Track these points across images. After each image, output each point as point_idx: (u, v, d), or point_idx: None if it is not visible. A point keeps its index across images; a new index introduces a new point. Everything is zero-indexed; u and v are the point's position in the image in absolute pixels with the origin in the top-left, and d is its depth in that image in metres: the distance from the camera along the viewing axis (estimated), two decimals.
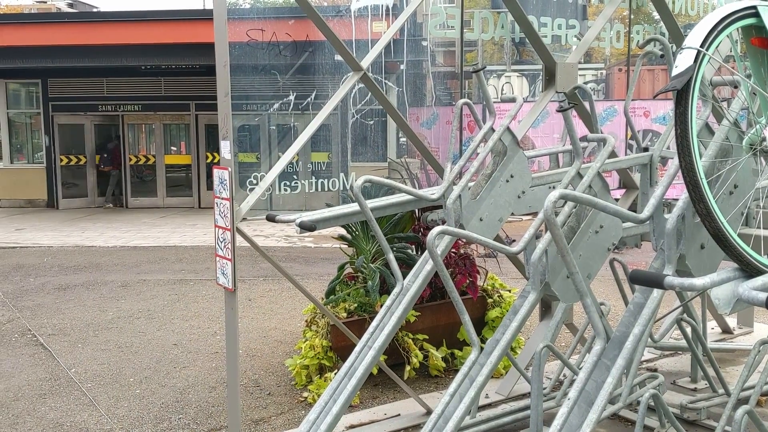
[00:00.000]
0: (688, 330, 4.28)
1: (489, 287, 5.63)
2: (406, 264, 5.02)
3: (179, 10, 15.73)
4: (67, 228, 14.07)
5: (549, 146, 9.02)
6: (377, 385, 5.05)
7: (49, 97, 17.35)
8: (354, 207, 3.84)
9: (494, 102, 4.37)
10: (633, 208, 4.77)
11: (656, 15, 5.57)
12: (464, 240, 4.33)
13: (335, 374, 4.16)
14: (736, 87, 3.40)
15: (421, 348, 5.08)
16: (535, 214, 3.72)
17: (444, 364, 5.17)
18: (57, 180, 17.50)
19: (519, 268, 5.03)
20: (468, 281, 5.33)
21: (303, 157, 12.27)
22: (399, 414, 4.52)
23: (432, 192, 4.00)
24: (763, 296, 2.11)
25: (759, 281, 2.57)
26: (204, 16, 14.08)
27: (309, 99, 12.13)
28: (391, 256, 3.85)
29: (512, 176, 3.96)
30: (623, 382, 3.67)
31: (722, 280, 2.53)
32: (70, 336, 6.53)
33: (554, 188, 3.82)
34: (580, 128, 4.26)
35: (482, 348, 3.41)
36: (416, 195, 3.94)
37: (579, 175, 3.56)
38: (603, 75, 18.55)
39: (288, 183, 4.65)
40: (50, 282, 8.96)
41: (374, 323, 3.78)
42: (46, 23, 15.88)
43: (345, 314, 4.99)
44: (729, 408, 3.41)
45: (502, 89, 16.29)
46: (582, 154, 3.63)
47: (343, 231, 5.44)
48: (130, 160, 17.92)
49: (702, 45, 2.50)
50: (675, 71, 2.50)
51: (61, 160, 17.53)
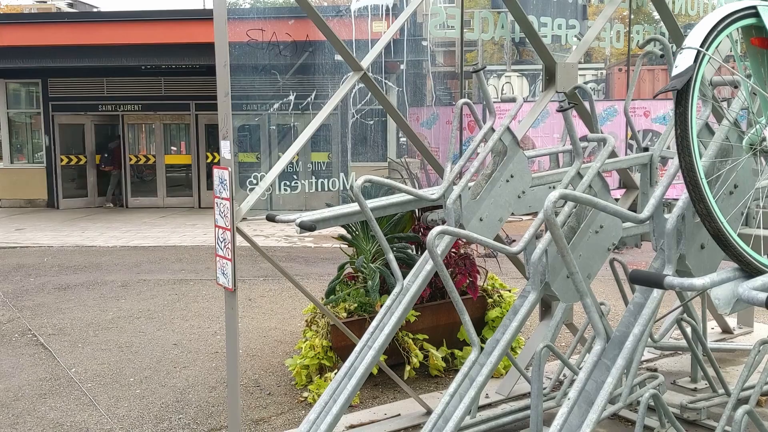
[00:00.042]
0: (688, 330, 4.28)
1: (489, 287, 5.64)
2: (406, 264, 5.02)
3: (179, 10, 15.73)
4: (67, 228, 14.07)
5: (549, 146, 9.02)
6: (377, 385, 5.05)
7: (50, 97, 17.35)
8: (354, 207, 3.84)
9: (494, 102, 4.37)
10: (633, 208, 4.77)
11: (656, 15, 5.57)
12: (464, 240, 4.33)
13: (335, 374, 4.16)
14: (736, 87, 3.40)
15: (421, 348, 5.09)
16: (535, 214, 3.72)
17: (444, 364, 5.17)
18: (57, 180, 17.50)
19: (519, 268, 5.03)
20: (468, 281, 5.33)
21: (303, 157, 12.27)
22: (399, 414, 4.52)
23: (432, 192, 4.00)
24: (763, 296, 2.11)
25: (759, 281, 2.57)
26: (204, 16, 14.07)
27: (309, 99, 12.14)
28: (391, 256, 3.85)
29: (512, 176, 3.96)
30: (623, 382, 3.67)
31: (722, 280, 2.53)
32: (71, 336, 6.53)
33: (554, 188, 3.82)
34: (580, 128, 4.26)
35: (482, 348, 3.41)
36: (416, 195, 3.94)
37: (579, 175, 3.56)
38: (603, 75, 18.57)
39: (288, 183, 4.65)
40: (50, 282, 8.96)
41: (374, 323, 3.78)
42: (46, 23, 15.88)
43: (345, 314, 4.99)
44: (729, 408, 3.41)
45: (502, 89, 16.30)
46: (582, 154, 3.63)
47: (343, 231, 5.44)
48: (130, 160, 17.92)
49: (702, 45, 2.50)
50: (675, 71, 2.50)
51: (62, 160, 17.54)
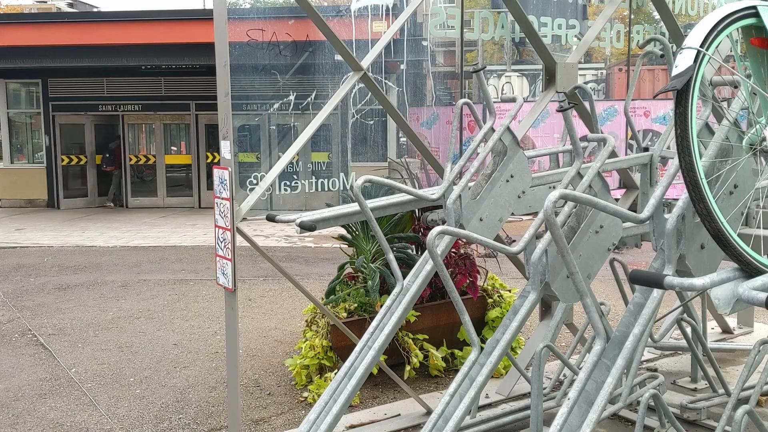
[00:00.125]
0: (688, 330, 4.28)
1: (489, 287, 5.64)
2: (406, 264, 5.02)
3: (179, 10, 15.74)
4: (68, 228, 14.07)
5: (549, 146, 9.03)
6: (377, 385, 5.06)
7: (50, 97, 17.36)
8: (354, 207, 3.84)
9: (494, 102, 4.37)
10: (633, 208, 4.77)
11: (656, 15, 5.57)
12: (464, 240, 4.33)
13: (335, 374, 4.16)
14: (736, 87, 3.40)
15: (421, 348, 5.08)
16: (535, 214, 3.72)
17: (444, 364, 5.17)
18: (58, 180, 17.50)
19: (519, 268, 5.03)
20: (468, 281, 5.33)
21: (303, 157, 12.27)
22: (399, 414, 4.52)
23: (432, 192, 4.00)
24: (763, 296, 2.11)
25: (759, 281, 2.57)
26: (204, 16, 14.07)
27: (309, 99, 12.14)
28: (391, 256, 3.85)
29: (512, 176, 3.96)
30: (623, 382, 3.67)
31: (722, 280, 2.53)
32: (71, 336, 6.53)
33: (554, 188, 3.82)
34: (580, 128, 4.26)
35: (482, 348, 3.41)
36: (416, 195, 3.94)
37: (579, 175, 3.56)
38: (603, 75, 18.57)
39: (288, 183, 4.65)
40: (50, 282, 8.96)
41: (374, 323, 3.78)
42: (46, 23, 15.88)
43: (345, 314, 4.99)
44: (729, 408, 3.41)
45: (503, 89, 16.31)
46: (582, 154, 3.63)
47: (343, 231, 5.44)
48: (131, 160, 17.93)
49: (702, 45, 2.50)
50: (675, 71, 2.50)
51: (62, 160, 17.54)
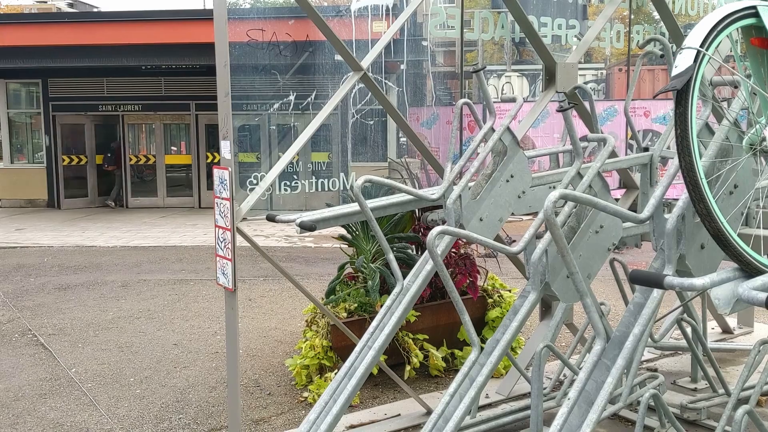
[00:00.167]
0: (688, 330, 4.28)
1: (489, 287, 5.64)
2: (406, 264, 5.02)
3: (179, 10, 15.74)
4: (68, 228, 14.07)
5: (549, 146, 9.03)
6: (377, 385, 5.06)
7: (50, 97, 17.36)
8: (354, 207, 3.84)
9: (494, 102, 4.37)
10: (633, 208, 4.77)
11: (656, 15, 5.57)
12: (464, 240, 4.33)
13: (335, 374, 4.16)
14: (736, 87, 3.40)
15: (422, 348, 5.09)
16: (535, 214, 3.72)
17: (444, 364, 5.17)
18: (59, 180, 17.50)
19: (519, 268, 5.03)
20: (468, 281, 5.33)
21: (303, 157, 12.27)
22: (399, 414, 4.52)
23: (432, 192, 4.00)
24: (763, 296, 2.11)
25: (759, 281, 2.57)
26: (204, 16, 14.08)
27: (309, 99, 12.14)
28: (391, 256, 3.85)
29: (512, 176, 3.96)
30: (623, 382, 3.67)
31: (722, 280, 2.53)
32: (71, 336, 6.53)
33: (554, 188, 3.82)
34: (580, 128, 4.26)
35: (482, 348, 3.41)
36: (416, 195, 3.94)
37: (579, 175, 3.56)
38: (603, 75, 18.57)
39: (288, 183, 4.65)
40: (50, 282, 8.96)
41: (374, 323, 3.78)
42: (46, 23, 15.88)
43: (345, 314, 4.99)
44: (729, 408, 3.41)
45: (503, 89, 16.30)
46: (582, 154, 3.63)
47: (344, 231, 5.44)
48: (131, 160, 17.93)
49: (702, 45, 2.50)
50: (675, 71, 2.50)
51: (63, 160, 17.54)
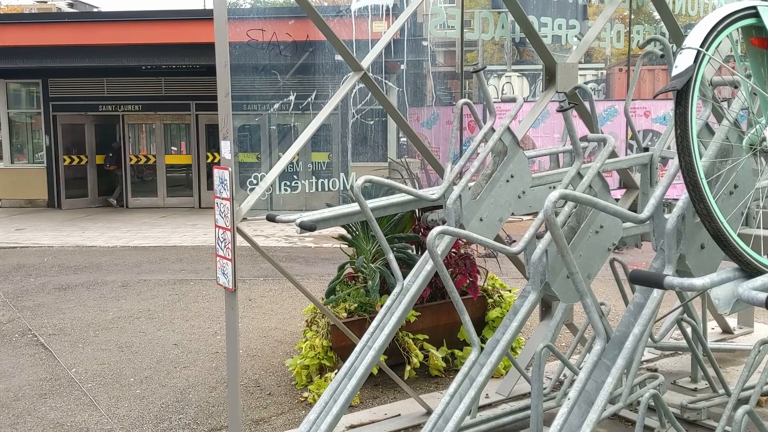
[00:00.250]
0: (689, 330, 4.28)
1: (489, 287, 5.64)
2: (407, 264, 5.02)
3: (179, 10, 15.74)
4: (68, 228, 14.08)
5: (549, 146, 9.03)
6: (377, 385, 5.06)
7: (50, 97, 17.36)
8: (354, 207, 3.84)
9: (494, 102, 4.37)
10: (633, 208, 4.77)
11: (656, 15, 5.57)
12: (464, 240, 4.33)
13: (335, 374, 4.16)
14: (736, 87, 3.40)
15: (422, 348, 5.09)
16: (536, 214, 3.72)
17: (444, 364, 5.17)
18: (60, 180, 17.50)
19: (519, 268, 5.03)
20: (468, 281, 5.33)
21: (303, 157, 12.28)
22: (399, 414, 4.52)
23: (432, 192, 4.00)
24: (763, 296, 2.11)
25: (759, 281, 2.57)
26: (204, 16, 14.08)
27: (309, 99, 12.14)
28: (392, 256, 3.85)
29: (512, 176, 3.96)
30: (623, 382, 3.67)
31: (722, 280, 2.53)
32: (71, 336, 6.53)
33: (554, 188, 3.82)
34: (581, 128, 4.26)
35: (482, 348, 3.41)
36: (416, 195, 3.94)
37: (579, 175, 3.56)
38: (603, 75, 18.57)
39: (288, 183, 4.66)
40: (51, 282, 8.96)
41: (374, 323, 3.78)
42: (47, 23, 15.89)
43: (345, 314, 4.99)
44: (729, 408, 3.41)
45: (503, 89, 16.30)
46: (582, 154, 3.63)
47: (344, 231, 5.44)
48: (131, 160, 17.94)
49: (702, 45, 2.50)
50: (675, 71, 2.50)
51: (64, 160, 17.54)
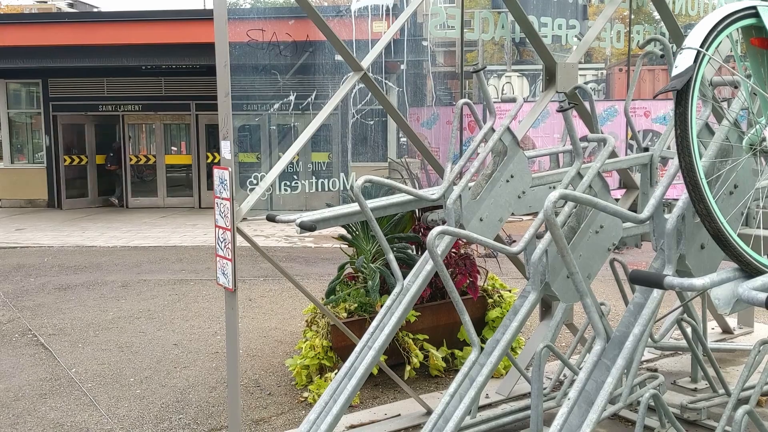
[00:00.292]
0: (689, 330, 4.28)
1: (489, 287, 5.64)
2: (407, 264, 5.02)
3: (179, 10, 15.74)
4: (68, 228, 14.08)
5: (549, 146, 9.03)
6: (377, 385, 5.06)
7: (50, 97, 17.36)
8: (354, 207, 3.84)
9: (494, 102, 4.37)
10: (633, 208, 4.77)
11: (656, 15, 5.57)
12: (464, 240, 4.33)
13: (335, 374, 4.16)
14: (736, 87, 3.40)
15: (422, 348, 5.09)
16: (536, 214, 3.73)
17: (444, 364, 5.17)
18: (61, 180, 17.49)
19: (519, 268, 5.03)
20: (468, 281, 5.33)
21: (303, 157, 12.28)
22: (399, 414, 4.52)
23: (432, 192, 4.00)
24: (763, 296, 2.11)
25: (759, 281, 2.57)
26: (204, 16, 14.08)
27: (309, 99, 12.14)
28: (392, 256, 3.85)
29: (512, 176, 3.96)
30: (623, 382, 3.67)
31: (722, 280, 2.53)
32: (71, 336, 6.53)
33: (554, 188, 3.82)
34: (581, 128, 4.26)
35: (482, 348, 3.41)
36: (416, 195, 3.94)
37: (579, 175, 3.56)
38: (603, 75, 18.57)
39: (288, 183, 4.66)
40: (51, 282, 8.96)
41: (374, 323, 3.78)
42: (47, 23, 15.89)
43: (345, 314, 4.99)
44: (729, 408, 3.41)
45: (503, 89, 16.30)
46: (582, 154, 3.63)
47: (344, 231, 5.44)
48: (131, 160, 17.94)
49: (702, 45, 2.50)
50: (675, 71, 2.50)
51: (65, 161, 17.54)
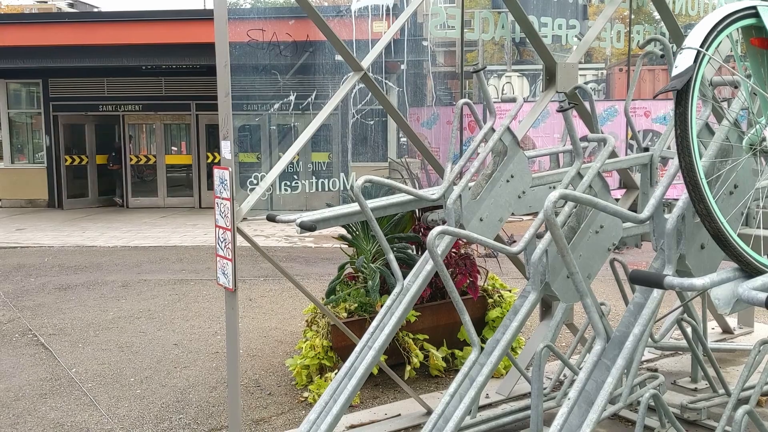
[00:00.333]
0: (689, 330, 4.28)
1: (489, 287, 5.64)
2: (407, 264, 5.02)
3: (179, 10, 15.74)
4: (68, 228, 14.08)
5: (549, 146, 9.03)
6: (377, 385, 5.06)
7: (50, 97, 17.37)
8: (354, 207, 3.84)
9: (494, 102, 4.37)
10: (633, 208, 4.77)
11: (657, 15, 5.57)
12: (464, 240, 4.33)
13: (335, 374, 4.16)
14: (736, 87, 3.40)
15: (422, 348, 5.09)
16: (536, 214, 3.73)
17: (444, 364, 5.17)
18: (61, 180, 17.49)
19: (519, 268, 5.03)
20: (468, 281, 5.33)
21: (303, 157, 12.28)
22: (399, 414, 4.52)
23: (432, 192, 4.00)
24: (763, 296, 2.11)
25: (759, 281, 2.57)
26: (204, 16, 14.08)
27: (309, 99, 12.14)
28: (392, 256, 3.85)
29: (512, 176, 3.96)
30: (623, 382, 3.67)
31: (722, 280, 2.53)
32: (71, 336, 6.53)
33: (554, 188, 3.82)
34: (581, 128, 4.26)
35: (482, 348, 3.41)
36: (416, 195, 3.94)
37: (579, 175, 3.56)
38: (603, 75, 18.57)
39: (288, 183, 4.66)
40: (51, 282, 8.97)
41: (374, 323, 3.78)
42: (47, 23, 15.89)
43: (345, 314, 4.99)
44: (729, 408, 3.42)
45: (503, 89, 16.30)
46: (582, 154, 3.63)
47: (344, 231, 5.44)
48: (131, 160, 17.94)
49: (702, 45, 2.50)
50: (675, 71, 2.50)
51: (66, 161, 17.54)
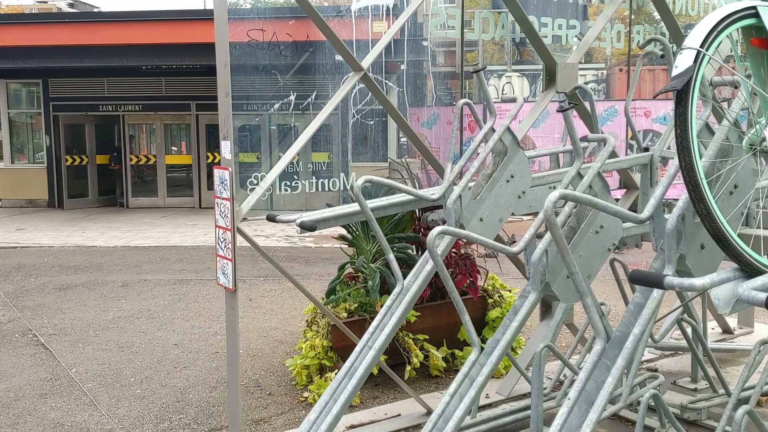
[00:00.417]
0: (689, 330, 4.28)
1: (489, 287, 5.64)
2: (407, 264, 5.02)
3: (179, 10, 15.74)
4: (68, 228, 14.08)
5: (549, 146, 9.03)
6: (378, 385, 5.06)
7: (50, 97, 17.37)
8: (354, 207, 3.84)
9: (495, 102, 4.37)
10: (633, 208, 4.77)
11: (657, 15, 5.57)
12: (464, 240, 4.33)
13: (336, 374, 4.16)
14: (736, 87, 3.41)
15: (422, 348, 5.09)
16: (536, 214, 3.73)
17: (444, 364, 5.17)
18: (62, 180, 17.49)
19: (519, 268, 5.03)
20: (468, 281, 5.33)
21: (303, 157, 12.27)
22: (399, 414, 4.52)
23: (432, 192, 4.00)
24: (763, 296, 2.11)
25: (759, 281, 2.57)
26: (204, 16, 14.08)
27: (309, 99, 12.13)
28: (392, 256, 3.85)
29: (513, 176, 3.96)
30: (623, 382, 3.67)
31: (722, 280, 2.53)
32: (71, 336, 6.53)
33: (554, 188, 3.82)
34: (581, 128, 4.27)
35: (482, 348, 3.41)
36: (417, 195, 3.94)
37: (579, 175, 3.56)
38: (603, 75, 18.57)
39: (288, 183, 4.66)
40: (51, 282, 8.97)
41: (374, 323, 3.78)
42: (47, 23, 15.89)
43: (345, 314, 5.00)
44: (729, 408, 3.42)
45: (503, 89, 16.30)
46: (582, 154, 3.63)
47: (344, 231, 5.44)
48: (131, 160, 17.95)
49: (702, 45, 2.51)
50: (675, 71, 2.50)
51: (66, 161, 17.54)
